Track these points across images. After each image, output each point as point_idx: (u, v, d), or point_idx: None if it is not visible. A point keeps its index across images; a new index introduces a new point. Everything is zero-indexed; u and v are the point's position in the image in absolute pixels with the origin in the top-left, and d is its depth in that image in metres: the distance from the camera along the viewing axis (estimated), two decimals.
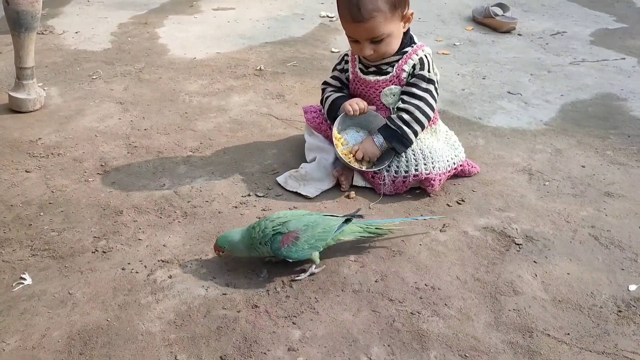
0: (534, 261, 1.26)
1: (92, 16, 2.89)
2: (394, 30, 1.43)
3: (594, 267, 1.25)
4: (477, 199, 1.47)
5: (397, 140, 1.46)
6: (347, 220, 1.24)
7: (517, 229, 1.36)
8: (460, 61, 2.38)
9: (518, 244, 1.31)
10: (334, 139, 1.49)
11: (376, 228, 1.30)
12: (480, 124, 1.86)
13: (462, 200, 1.46)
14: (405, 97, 1.47)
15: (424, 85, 1.47)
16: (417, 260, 1.26)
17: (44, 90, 1.97)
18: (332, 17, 2.91)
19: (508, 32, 2.70)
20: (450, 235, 1.33)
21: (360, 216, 1.29)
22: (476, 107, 1.97)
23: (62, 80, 2.13)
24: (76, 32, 2.65)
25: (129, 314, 1.11)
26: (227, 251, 1.20)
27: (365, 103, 1.51)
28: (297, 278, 1.19)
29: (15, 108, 1.87)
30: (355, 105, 1.50)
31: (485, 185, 1.53)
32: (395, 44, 1.46)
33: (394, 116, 1.47)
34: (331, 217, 1.25)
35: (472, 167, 1.56)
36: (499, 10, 2.78)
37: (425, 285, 1.19)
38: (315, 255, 1.20)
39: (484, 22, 2.79)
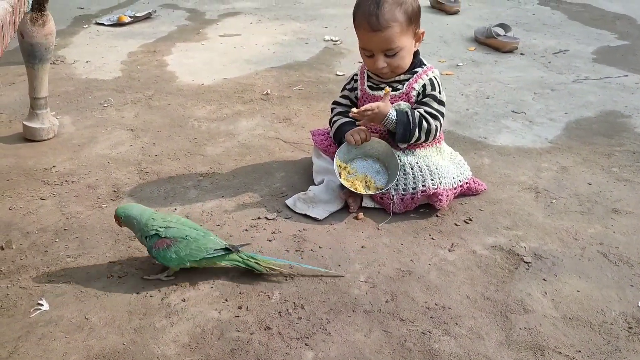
0: (544, 279, 1.27)
1: (102, 45, 2.96)
2: (407, 45, 1.48)
3: (603, 284, 1.26)
4: (485, 218, 1.49)
5: (402, 130, 1.48)
6: (227, 250, 1.27)
7: (525, 247, 1.37)
8: (463, 81, 2.41)
9: (527, 262, 1.32)
10: (335, 167, 1.52)
11: (255, 262, 1.28)
12: (486, 144, 1.88)
13: (470, 220, 1.48)
14: (421, 111, 1.51)
15: (435, 105, 1.52)
16: (426, 280, 1.27)
17: (57, 119, 2.01)
18: (336, 41, 2.97)
19: (510, 51, 2.74)
20: (458, 255, 1.35)
21: (242, 247, 1.29)
22: (481, 127, 2.00)
23: (74, 109, 2.18)
24: (87, 62, 2.71)
25: (144, 338, 1.12)
26: (123, 223, 1.30)
27: (368, 131, 1.55)
28: (147, 277, 1.28)
29: (29, 137, 1.92)
30: (357, 135, 1.53)
31: (492, 204, 1.54)
32: (407, 60, 1.51)
33: (416, 113, 1.49)
34: (215, 239, 1.28)
35: (478, 184, 1.58)
36: (500, 31, 2.82)
37: (436, 304, 1.20)
38: (176, 268, 1.27)
39: (487, 42, 2.83)
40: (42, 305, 1.21)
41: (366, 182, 1.53)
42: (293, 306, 1.20)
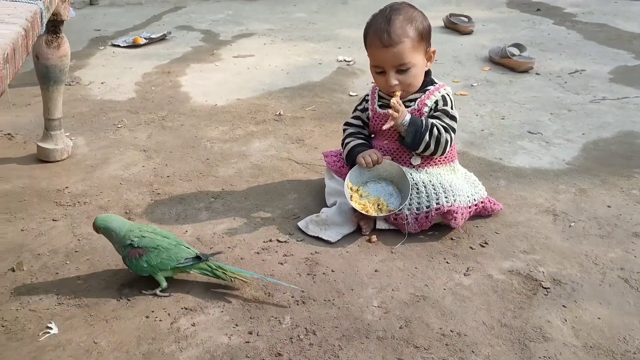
0: (563, 305, 1.23)
1: (118, 67, 2.99)
2: (419, 63, 1.48)
3: (625, 311, 1.21)
4: (501, 241, 1.45)
5: (413, 131, 1.46)
6: (198, 258, 1.29)
7: (543, 272, 1.33)
8: (478, 102, 2.39)
9: (545, 288, 1.28)
10: (346, 190, 1.50)
11: (222, 272, 1.30)
12: (501, 165, 1.85)
13: (486, 243, 1.44)
14: (435, 121, 1.50)
15: (447, 120, 1.50)
16: (441, 305, 1.24)
17: (71, 140, 2.03)
18: (350, 62, 2.97)
19: (526, 71, 2.72)
20: (474, 279, 1.31)
21: (213, 255, 1.34)
22: (496, 148, 1.97)
23: (88, 130, 2.20)
24: (102, 83, 2.74)
25: None
26: (101, 233, 1.32)
27: (379, 154, 1.53)
28: (144, 292, 1.29)
29: (43, 158, 1.93)
30: (368, 157, 1.52)
31: (509, 227, 1.51)
32: (419, 78, 1.50)
33: (431, 120, 1.48)
34: (187, 248, 1.31)
35: (494, 204, 1.55)
36: (515, 50, 2.81)
37: (451, 331, 1.16)
38: (161, 278, 1.29)
39: (501, 62, 2.81)
40: (51, 328, 1.20)
41: (378, 205, 1.51)
42: (304, 332, 1.17)
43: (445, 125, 1.49)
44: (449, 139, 1.49)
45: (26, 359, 1.12)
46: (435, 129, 1.47)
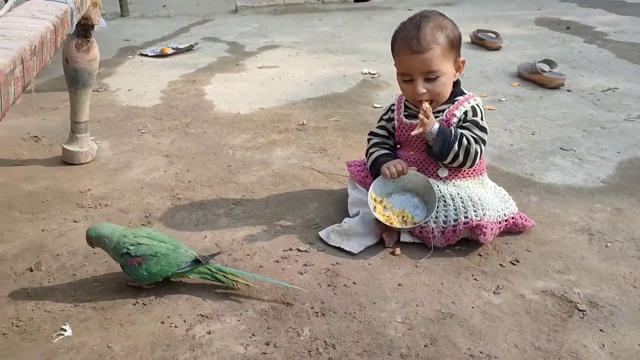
0: (600, 329, 1.16)
1: (145, 75, 3.01)
2: (448, 72, 1.43)
3: None
4: (533, 260, 1.38)
5: (441, 141, 1.41)
6: (197, 262, 1.27)
7: (579, 294, 1.26)
8: (507, 116, 2.33)
9: (581, 310, 1.21)
10: (370, 201, 1.45)
11: (223, 275, 1.28)
12: (532, 181, 1.78)
13: (517, 261, 1.38)
14: (465, 132, 1.45)
15: (477, 131, 1.45)
16: (469, 325, 1.17)
17: (96, 143, 2.03)
18: (375, 74, 2.94)
19: (556, 88, 2.65)
20: (505, 298, 1.25)
21: (213, 258, 1.31)
22: (526, 163, 1.90)
23: (113, 134, 2.20)
24: (129, 90, 2.76)
25: None
26: (95, 243, 1.29)
27: (404, 164, 1.48)
28: (130, 283, 1.30)
29: (68, 160, 1.93)
30: (393, 168, 1.47)
31: (542, 245, 1.44)
32: (448, 88, 1.45)
33: (460, 131, 1.44)
34: (185, 252, 1.28)
35: (525, 220, 1.48)
36: (545, 67, 2.74)
37: (480, 352, 1.10)
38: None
39: (531, 78, 2.75)
40: (65, 330, 1.17)
41: (403, 217, 1.46)
42: (324, 345, 1.12)
43: (475, 136, 1.44)
44: (478, 150, 1.44)
45: None
46: (464, 139, 1.43)
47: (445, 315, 1.20)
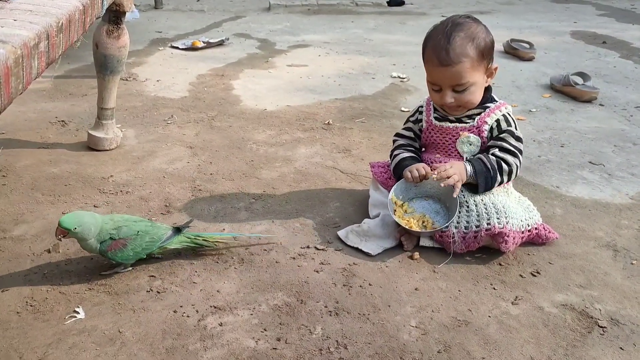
0: (620, 347, 1.12)
1: (174, 67, 3.04)
2: (478, 81, 1.40)
3: None
4: (555, 272, 1.34)
5: (484, 180, 1.40)
6: (177, 231, 1.32)
7: (600, 310, 1.22)
8: (536, 127, 2.28)
9: (602, 327, 1.17)
10: (390, 203, 1.43)
11: (203, 240, 1.35)
12: (558, 193, 1.74)
13: (538, 272, 1.34)
14: (497, 151, 1.42)
15: (513, 142, 1.43)
16: (485, 334, 1.14)
17: (121, 131, 2.05)
18: (404, 78, 2.91)
19: (589, 101, 2.59)
20: (523, 310, 1.21)
21: (188, 226, 1.36)
22: (554, 175, 1.86)
23: (139, 123, 2.22)
24: (157, 80, 2.78)
25: None
26: (72, 234, 1.22)
27: (427, 168, 1.46)
28: (104, 273, 1.29)
29: (92, 146, 1.95)
30: (416, 172, 1.45)
31: (564, 258, 1.40)
32: (477, 95, 1.42)
33: (491, 156, 1.41)
34: (160, 226, 1.32)
35: (549, 232, 1.44)
36: (579, 79, 2.68)
37: None
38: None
39: (563, 90, 2.69)
40: (78, 312, 1.17)
41: (423, 222, 1.43)
42: (335, 344, 1.10)
43: (512, 149, 1.42)
44: (518, 164, 1.42)
45: (50, 341, 1.10)
46: (504, 164, 1.41)
47: (461, 323, 1.17)
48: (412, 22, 4.43)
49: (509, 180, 1.44)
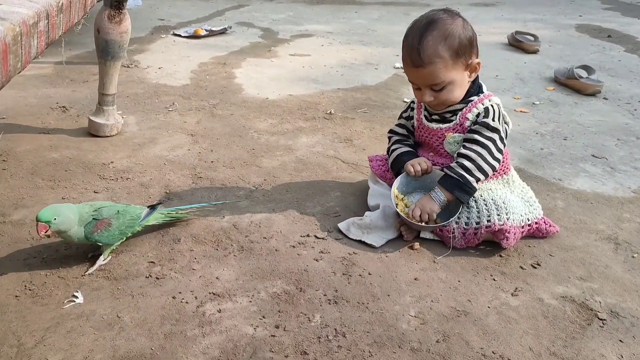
0: (620, 340, 1.11)
1: (176, 54, 3.02)
2: (456, 79, 1.37)
3: None
4: (555, 265, 1.34)
5: (459, 190, 1.37)
6: (152, 208, 1.35)
7: (600, 302, 1.21)
8: (539, 120, 2.27)
9: (601, 319, 1.16)
10: (393, 197, 1.42)
11: (177, 213, 1.41)
12: (560, 186, 1.73)
13: (538, 264, 1.34)
14: (466, 144, 1.39)
15: (487, 133, 1.38)
16: (484, 324, 1.14)
17: (122, 117, 2.04)
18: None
19: (593, 95, 2.57)
20: (523, 301, 1.21)
21: (160, 203, 1.40)
22: (556, 168, 1.85)
23: (140, 110, 2.21)
24: (159, 68, 2.77)
25: (173, 345, 1.06)
26: (53, 226, 1.19)
27: (429, 163, 1.44)
28: (88, 273, 1.24)
29: (93, 132, 1.94)
30: (417, 166, 1.44)
31: (565, 251, 1.40)
32: (457, 92, 1.40)
33: (453, 164, 1.39)
34: (136, 207, 1.34)
35: (550, 225, 1.43)
36: (583, 73, 2.66)
37: (493, 353, 1.07)
38: (108, 249, 1.28)
39: (567, 83, 2.67)
40: (76, 297, 1.17)
41: None
42: (334, 333, 1.10)
43: (482, 140, 1.37)
44: (490, 159, 1.37)
45: (48, 325, 1.09)
46: (466, 162, 1.36)
47: (460, 313, 1.17)
48: (416, 13, 4.38)
49: (493, 170, 1.38)
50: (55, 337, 1.06)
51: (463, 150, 1.39)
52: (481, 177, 1.38)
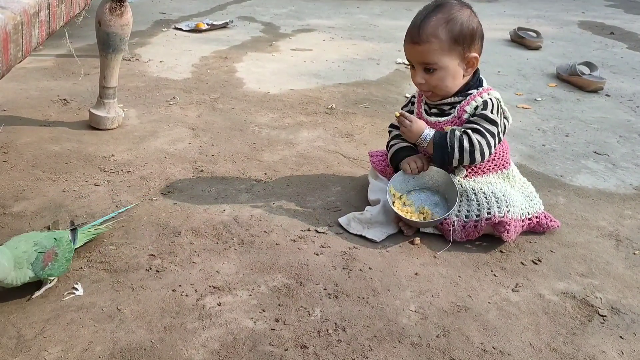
0: (621, 336, 1.11)
1: (178, 48, 3.02)
2: (450, 66, 1.37)
3: None
4: (556, 261, 1.34)
5: (440, 154, 1.39)
6: (73, 231, 1.26)
7: (601, 299, 1.21)
8: (541, 116, 2.26)
9: (602, 316, 1.16)
10: (389, 195, 1.42)
11: (95, 229, 1.32)
12: (562, 182, 1.73)
13: (539, 260, 1.33)
14: (468, 130, 1.38)
15: (485, 124, 1.38)
16: (484, 320, 1.14)
17: (123, 110, 2.03)
18: (409, 65, 2.88)
19: (595, 91, 2.56)
20: (523, 297, 1.21)
21: (78, 224, 1.31)
22: (557, 164, 1.84)
23: (141, 104, 2.20)
24: (160, 61, 2.76)
25: (173, 338, 1.05)
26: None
27: (425, 160, 1.45)
28: (34, 297, 1.14)
29: (94, 125, 1.94)
30: (414, 164, 1.44)
31: (566, 247, 1.39)
32: (449, 82, 1.39)
33: (457, 134, 1.38)
34: (58, 231, 1.23)
35: (550, 220, 1.43)
36: (585, 69, 2.66)
37: (493, 348, 1.07)
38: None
39: (569, 79, 2.67)
40: (76, 289, 1.17)
41: (422, 214, 1.42)
42: (334, 327, 1.10)
43: (480, 129, 1.37)
44: (485, 145, 1.36)
45: (48, 317, 1.09)
46: (465, 142, 1.36)
47: (460, 308, 1.16)
48: (419, 9, 4.38)
49: (473, 161, 1.37)
50: (54, 329, 1.06)
51: (467, 135, 1.37)
52: (467, 160, 1.38)
